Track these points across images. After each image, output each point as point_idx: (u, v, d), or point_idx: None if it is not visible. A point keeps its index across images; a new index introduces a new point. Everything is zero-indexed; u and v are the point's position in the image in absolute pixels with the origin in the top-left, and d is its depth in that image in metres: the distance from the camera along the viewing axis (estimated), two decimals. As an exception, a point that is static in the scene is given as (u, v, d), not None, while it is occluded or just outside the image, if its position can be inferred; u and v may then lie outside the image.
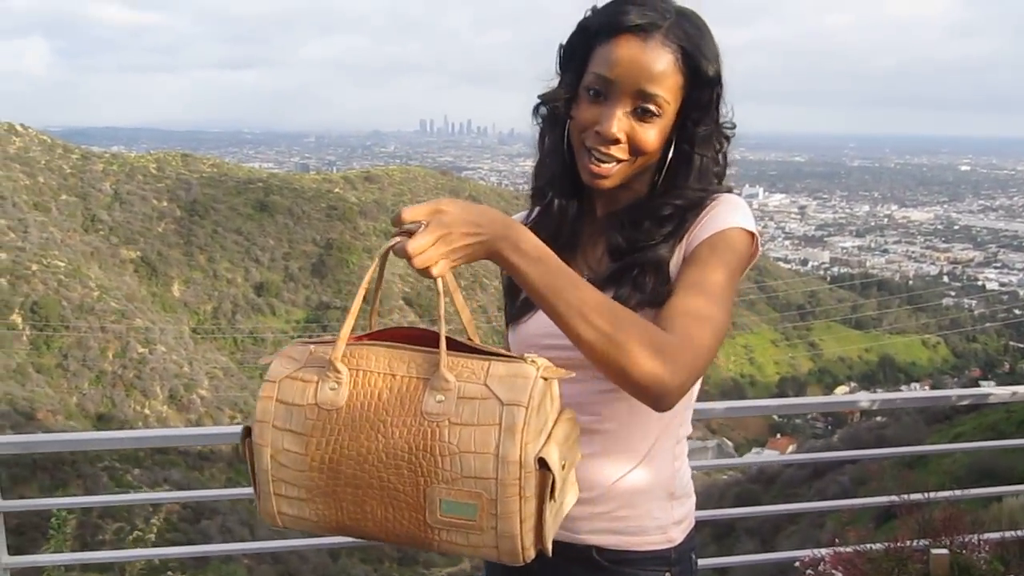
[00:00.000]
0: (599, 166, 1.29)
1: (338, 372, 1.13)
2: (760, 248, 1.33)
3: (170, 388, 40.59)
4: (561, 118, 1.36)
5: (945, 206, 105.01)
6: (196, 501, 22.03)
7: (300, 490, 1.14)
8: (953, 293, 70.57)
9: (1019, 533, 2.86)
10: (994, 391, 2.81)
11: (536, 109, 1.40)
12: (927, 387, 42.51)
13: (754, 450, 39.50)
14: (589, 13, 1.32)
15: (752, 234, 1.30)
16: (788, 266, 75.06)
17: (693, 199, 1.31)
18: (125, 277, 49.20)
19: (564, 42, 1.35)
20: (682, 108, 1.29)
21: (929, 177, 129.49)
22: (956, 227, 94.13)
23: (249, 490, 1.21)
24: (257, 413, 1.15)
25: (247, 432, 1.18)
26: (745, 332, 61.46)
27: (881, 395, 2.88)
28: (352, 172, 72.20)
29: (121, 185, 54.34)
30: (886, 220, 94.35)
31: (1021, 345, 60.40)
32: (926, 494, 2.76)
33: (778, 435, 40.89)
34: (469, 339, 1.18)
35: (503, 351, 1.14)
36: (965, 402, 2.90)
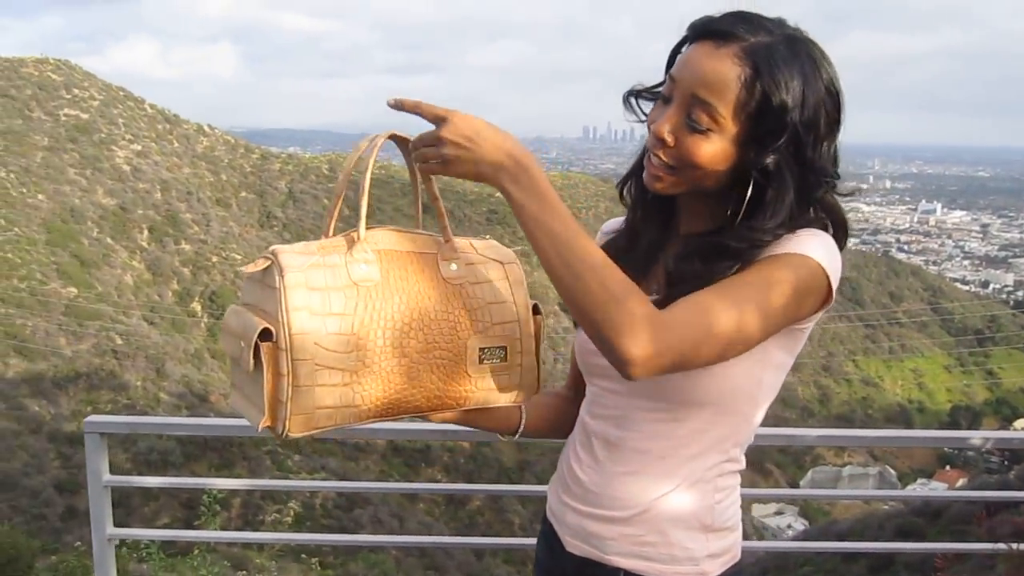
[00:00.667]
0: (652, 165, 1.25)
1: (366, 252, 1.18)
2: (833, 294, 1.20)
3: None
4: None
5: None
6: (352, 490, 22.84)
7: (345, 374, 1.14)
8: None
9: None
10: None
11: (627, 101, 1.33)
12: (1121, 426, 38.99)
13: (919, 480, 37.41)
14: (691, 24, 1.26)
15: (823, 269, 1.17)
16: (966, 288, 70.77)
17: (758, 240, 1.18)
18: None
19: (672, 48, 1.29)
20: (748, 133, 1.17)
21: None
22: None
23: (392, 485, 1.24)
24: (288, 303, 1.11)
25: (263, 335, 1.12)
26: (915, 356, 58.39)
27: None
28: (514, 177, 73.07)
29: (295, 184, 57.16)
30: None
31: None
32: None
33: (947, 467, 38.47)
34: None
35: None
36: (989, 444, 2.66)
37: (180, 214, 48.67)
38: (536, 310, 1.29)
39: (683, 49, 1.24)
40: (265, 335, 1.12)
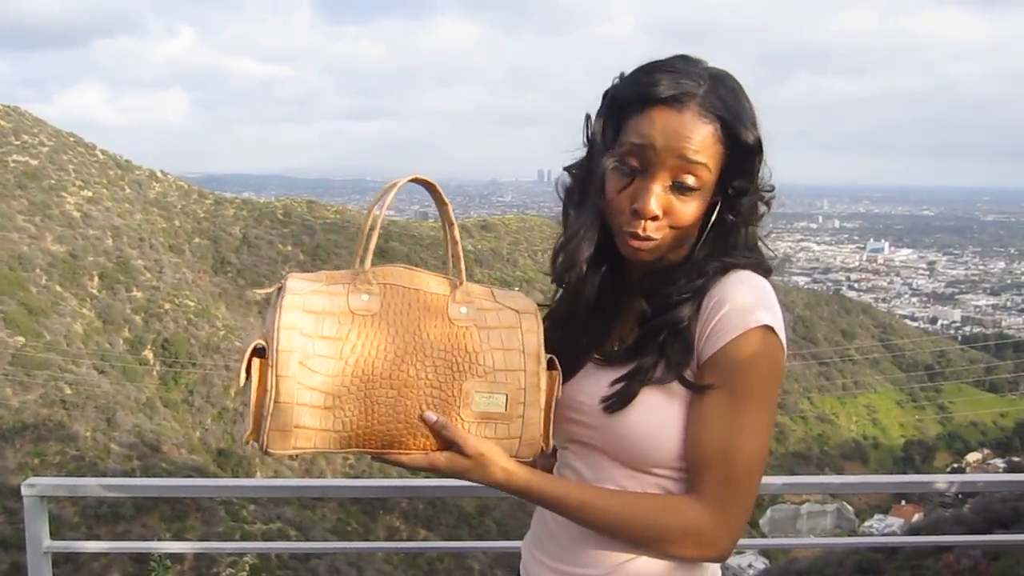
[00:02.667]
0: (639, 243, 1.25)
1: (370, 283, 1.20)
2: (784, 344, 1.24)
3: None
4: (591, 193, 1.29)
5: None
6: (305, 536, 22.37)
7: (328, 397, 1.15)
8: None
9: None
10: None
11: (559, 182, 1.36)
12: (1069, 457, 39.72)
13: (876, 516, 37.69)
14: (617, 82, 1.27)
15: (778, 336, 1.22)
16: (915, 324, 72.00)
17: (728, 267, 1.26)
18: (250, 318, 51.04)
19: (591, 113, 1.30)
20: (722, 177, 1.24)
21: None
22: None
23: (346, 544, 1.23)
24: (281, 321, 1.14)
25: (255, 352, 1.15)
26: (868, 391, 59.11)
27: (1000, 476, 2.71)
28: (469, 220, 73.43)
29: (249, 229, 56.68)
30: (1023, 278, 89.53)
31: None
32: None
33: (903, 501, 38.85)
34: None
35: None
36: (954, 489, 2.70)
37: (132, 261, 47.92)
38: (552, 364, 1.25)
39: (627, 120, 1.24)
40: (260, 351, 1.16)
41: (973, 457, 47.23)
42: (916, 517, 33.16)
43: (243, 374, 1.15)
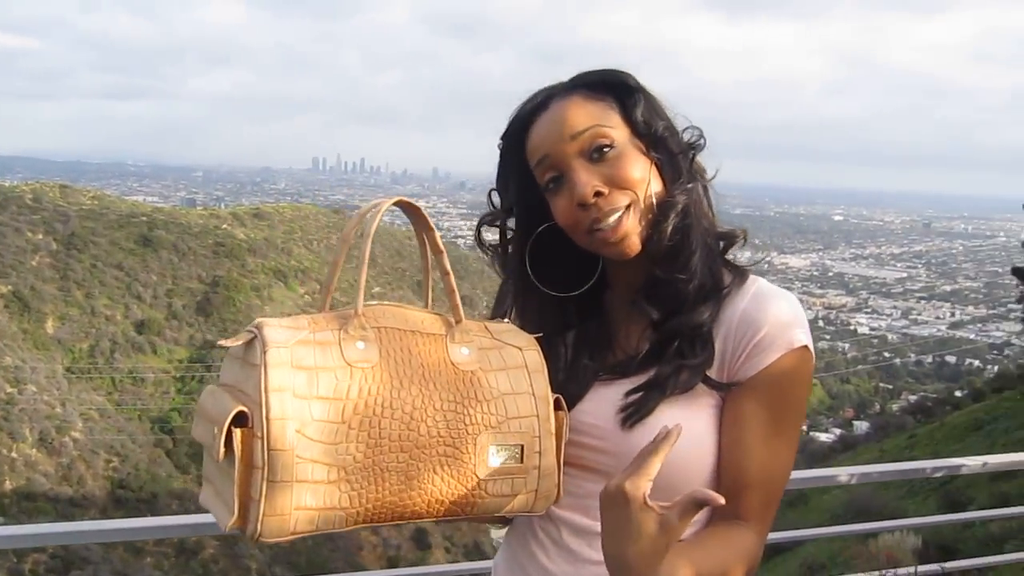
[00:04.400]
0: (608, 231, 1.16)
1: (364, 328, 1.04)
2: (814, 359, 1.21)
3: (40, 430, 38.47)
4: (519, 238, 1.27)
5: (820, 253, 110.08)
6: (65, 548, 20.89)
7: (332, 470, 0.97)
8: (828, 336, 73.64)
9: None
10: (965, 462, 2.83)
11: (480, 239, 1.32)
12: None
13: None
14: (500, 144, 1.26)
15: (811, 353, 1.18)
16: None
17: (673, 203, 1.18)
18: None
19: (496, 177, 1.28)
20: (630, 128, 1.19)
21: (806, 225, 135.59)
22: (830, 274, 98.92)
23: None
24: (269, 382, 0.96)
25: (237, 419, 0.96)
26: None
27: (859, 468, 2.91)
28: (241, 208, 70.72)
29: (-7, 216, 51.77)
30: (766, 266, 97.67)
31: (889, 386, 63.45)
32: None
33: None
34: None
35: None
36: (939, 474, 2.94)
37: None
38: (558, 404, 1.12)
39: (525, 152, 1.23)
40: (240, 419, 0.96)
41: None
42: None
43: (221, 449, 0.95)
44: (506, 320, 1.20)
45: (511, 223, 1.31)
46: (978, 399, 24.35)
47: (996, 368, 48.64)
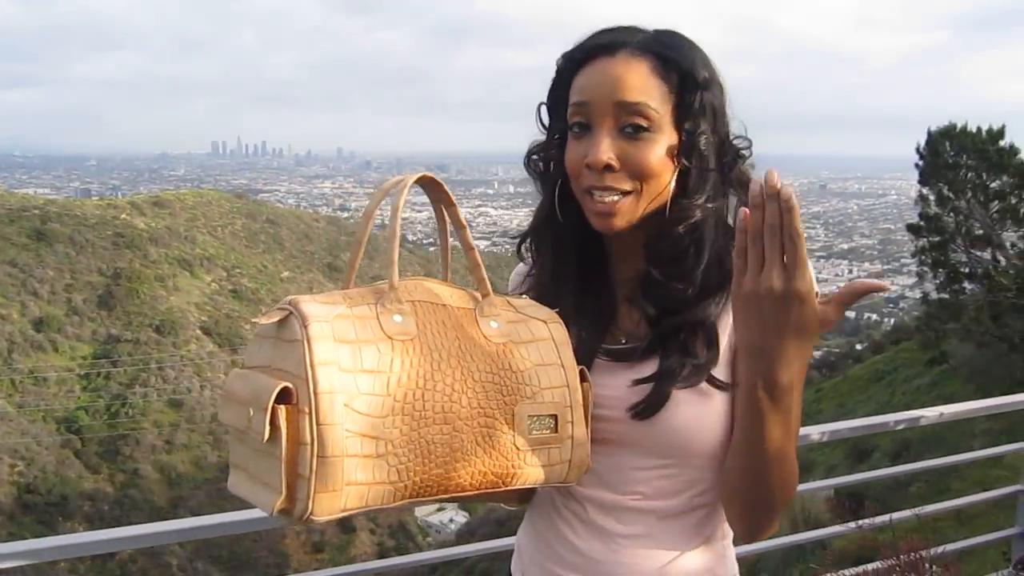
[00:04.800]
0: (601, 202, 1.14)
1: (400, 302, 1.03)
2: None
3: (-66, 437, 36.84)
4: (553, 172, 1.24)
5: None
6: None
7: (380, 443, 0.96)
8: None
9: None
10: (924, 413, 2.97)
11: (528, 162, 1.28)
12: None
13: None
14: (560, 59, 1.21)
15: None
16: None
17: (689, 216, 1.15)
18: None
19: (546, 97, 1.24)
20: (677, 121, 1.14)
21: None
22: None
23: None
24: (315, 356, 0.94)
25: (281, 396, 0.93)
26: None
27: (830, 426, 2.99)
28: (140, 197, 68.65)
29: None
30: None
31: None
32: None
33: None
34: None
35: None
36: (901, 426, 3.07)
37: None
38: (583, 376, 1.13)
39: (571, 84, 1.18)
40: (282, 397, 0.93)
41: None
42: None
43: (266, 428, 0.92)
44: (524, 296, 1.19)
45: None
46: (878, 351, 25.28)
47: (892, 321, 50.68)
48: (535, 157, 1.27)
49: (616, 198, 1.13)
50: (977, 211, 16.15)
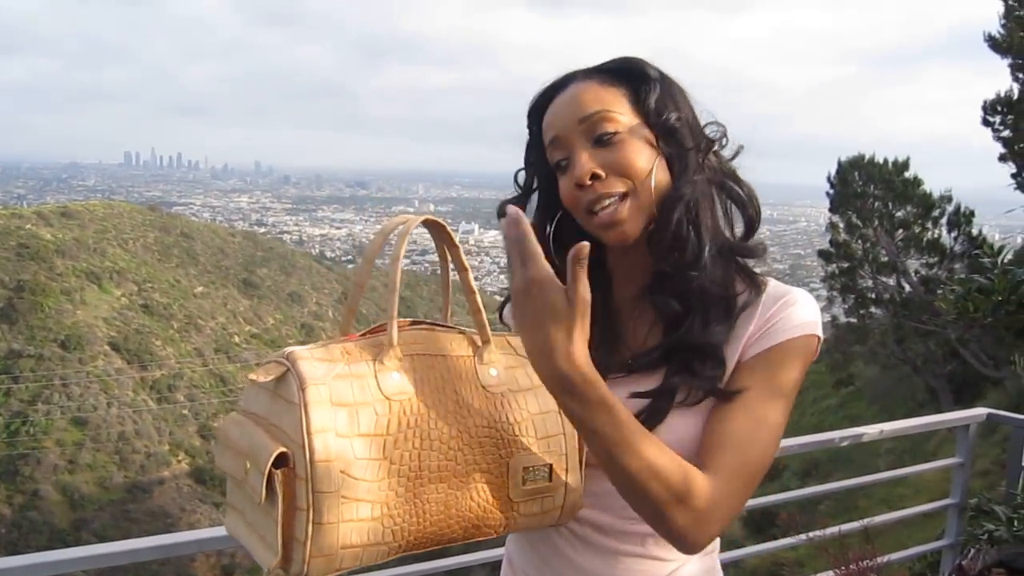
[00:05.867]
0: (604, 213, 1.16)
1: (399, 358, 1.02)
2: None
3: None
4: (539, 219, 1.27)
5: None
6: None
7: (376, 506, 0.97)
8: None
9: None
10: (867, 430, 3.14)
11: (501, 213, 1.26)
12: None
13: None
14: (527, 118, 1.28)
15: (819, 339, 1.20)
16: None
17: (677, 198, 1.17)
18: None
19: (524, 155, 1.30)
20: (644, 117, 1.18)
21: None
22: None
23: None
24: (313, 423, 0.93)
25: (278, 461, 0.94)
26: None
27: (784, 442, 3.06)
28: (47, 207, 66.07)
29: None
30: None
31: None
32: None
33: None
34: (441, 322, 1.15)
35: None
36: (845, 443, 3.21)
37: None
38: None
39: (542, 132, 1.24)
40: (280, 460, 0.93)
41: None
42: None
43: (263, 492, 0.93)
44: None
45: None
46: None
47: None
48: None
49: (615, 205, 1.16)
50: (883, 239, 16.78)
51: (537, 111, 1.25)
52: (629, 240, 1.18)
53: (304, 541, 0.94)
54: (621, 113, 1.17)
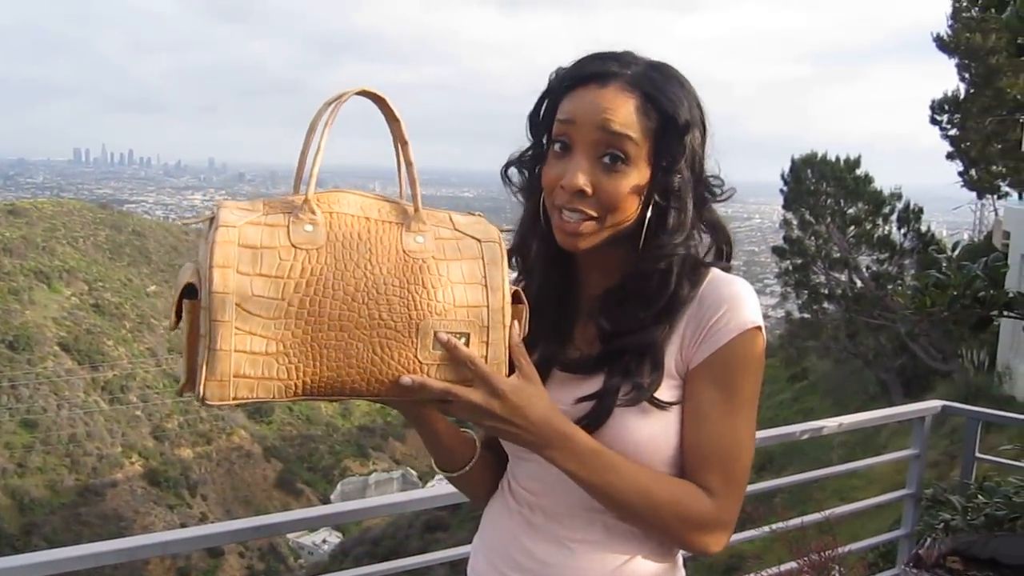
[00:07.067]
0: (568, 222, 1.20)
1: (313, 212, 1.08)
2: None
3: None
4: (534, 183, 1.29)
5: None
6: None
7: (271, 343, 1.04)
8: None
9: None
10: (826, 423, 3.22)
11: (505, 174, 1.33)
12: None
13: (437, 477, 40.27)
14: (553, 75, 1.26)
15: (762, 331, 1.24)
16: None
17: (669, 255, 1.21)
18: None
19: (531, 109, 1.29)
20: (653, 159, 1.20)
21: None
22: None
23: None
24: (215, 258, 1.02)
25: (186, 291, 1.04)
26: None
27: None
28: (-7, 205, 64.75)
29: None
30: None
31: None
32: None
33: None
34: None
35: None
36: (806, 436, 3.24)
37: None
38: (517, 298, 1.16)
39: (558, 103, 1.23)
40: (190, 291, 1.04)
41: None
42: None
43: (173, 317, 1.05)
44: (477, 214, 1.20)
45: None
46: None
47: (758, 339, 52.63)
48: (515, 170, 1.33)
49: (581, 220, 1.19)
50: (836, 235, 17.04)
51: (568, 78, 1.23)
52: (574, 251, 1.23)
53: (202, 365, 1.03)
54: (637, 145, 1.18)
